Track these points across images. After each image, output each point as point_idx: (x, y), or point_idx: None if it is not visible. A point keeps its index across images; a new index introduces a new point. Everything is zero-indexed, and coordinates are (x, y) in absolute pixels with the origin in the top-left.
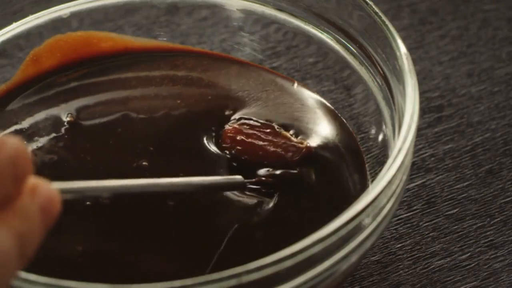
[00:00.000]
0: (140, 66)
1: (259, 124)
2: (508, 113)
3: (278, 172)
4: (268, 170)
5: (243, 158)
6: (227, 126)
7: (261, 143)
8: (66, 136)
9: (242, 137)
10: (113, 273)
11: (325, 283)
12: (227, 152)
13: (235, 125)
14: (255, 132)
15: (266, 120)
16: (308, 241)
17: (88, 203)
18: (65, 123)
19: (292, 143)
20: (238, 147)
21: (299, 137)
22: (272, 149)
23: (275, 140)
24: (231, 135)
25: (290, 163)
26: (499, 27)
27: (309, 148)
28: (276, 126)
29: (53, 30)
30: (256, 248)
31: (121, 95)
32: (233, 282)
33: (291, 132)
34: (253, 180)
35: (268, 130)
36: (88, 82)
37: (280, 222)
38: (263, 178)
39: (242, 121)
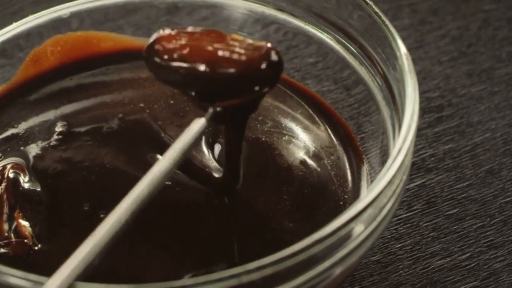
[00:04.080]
0: (140, 66)
1: (198, 30)
2: (508, 113)
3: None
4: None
5: (191, 69)
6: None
7: (210, 46)
8: (66, 136)
9: (183, 42)
10: (113, 273)
11: (325, 283)
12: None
13: (170, 32)
14: (197, 36)
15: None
16: (308, 241)
17: (86, 208)
18: (65, 124)
19: (249, 42)
20: (181, 55)
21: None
22: (225, 53)
23: (228, 42)
24: (166, 43)
25: (258, 68)
26: (499, 27)
27: (271, 48)
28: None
29: (53, 30)
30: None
31: (121, 95)
32: (233, 282)
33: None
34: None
35: (214, 35)
36: (88, 82)
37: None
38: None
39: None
